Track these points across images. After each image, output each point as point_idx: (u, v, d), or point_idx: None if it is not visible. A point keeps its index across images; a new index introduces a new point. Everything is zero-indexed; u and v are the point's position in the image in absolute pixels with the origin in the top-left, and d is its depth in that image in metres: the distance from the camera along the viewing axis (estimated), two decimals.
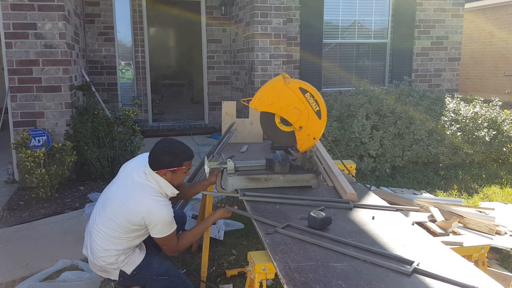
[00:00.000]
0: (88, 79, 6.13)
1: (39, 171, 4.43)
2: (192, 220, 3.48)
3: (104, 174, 5.05)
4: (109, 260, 2.31)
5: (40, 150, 4.52)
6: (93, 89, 5.86)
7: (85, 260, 3.21)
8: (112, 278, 2.40)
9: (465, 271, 1.56)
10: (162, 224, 2.25)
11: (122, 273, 2.37)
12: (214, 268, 3.13)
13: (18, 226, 3.92)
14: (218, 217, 2.45)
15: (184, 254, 3.35)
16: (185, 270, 3.10)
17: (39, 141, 4.77)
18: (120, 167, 2.54)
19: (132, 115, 5.31)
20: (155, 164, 2.31)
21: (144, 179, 2.32)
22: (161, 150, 2.34)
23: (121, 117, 5.34)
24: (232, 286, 2.86)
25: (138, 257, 2.39)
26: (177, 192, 2.42)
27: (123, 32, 7.58)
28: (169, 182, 2.34)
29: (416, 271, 1.55)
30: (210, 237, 2.98)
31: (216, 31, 7.95)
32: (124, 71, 7.84)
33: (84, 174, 5.27)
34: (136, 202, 2.25)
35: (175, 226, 2.31)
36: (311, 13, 7.20)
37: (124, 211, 2.26)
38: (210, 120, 8.17)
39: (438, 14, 7.83)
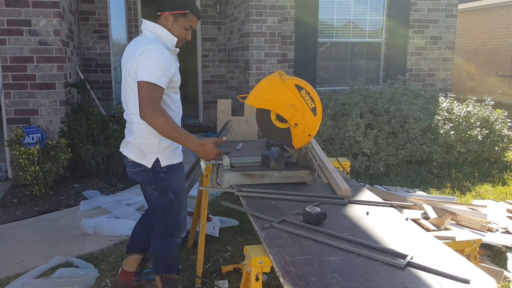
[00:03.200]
0: (82, 77, 6.11)
1: (33, 168, 4.41)
2: (187, 217, 3.48)
3: (99, 172, 5.04)
4: (150, 141, 2.24)
5: (34, 147, 4.50)
6: (88, 86, 5.84)
7: (80, 257, 3.23)
8: (146, 165, 2.27)
9: (457, 264, 1.58)
10: (146, 64, 2.10)
11: (155, 164, 2.26)
12: (209, 264, 3.15)
13: (12, 223, 3.91)
14: (199, 150, 2.23)
15: (180, 250, 3.36)
16: (180, 266, 3.11)
17: (33, 138, 4.75)
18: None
19: None
20: (160, 5, 2.23)
21: (140, 36, 2.30)
22: None
23: (116, 115, 5.34)
24: (227, 282, 2.88)
25: (176, 159, 2.34)
26: (176, 47, 2.31)
27: (118, 30, 7.55)
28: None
29: (410, 264, 1.57)
30: (206, 234, 2.99)
31: (211, 30, 7.95)
32: (119, 69, 7.81)
33: (78, 172, 5.26)
34: (131, 55, 2.20)
35: (163, 85, 2.14)
36: (306, 12, 7.23)
37: (126, 71, 2.23)
38: (205, 118, 8.18)
39: (432, 14, 7.89)
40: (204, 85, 8.13)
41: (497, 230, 3.50)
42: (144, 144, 2.26)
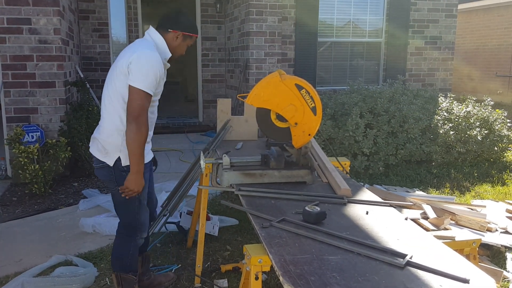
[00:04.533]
0: (82, 76, 6.11)
1: (32, 167, 4.41)
2: (187, 216, 3.49)
3: None
4: (113, 138, 2.31)
5: (33, 146, 4.50)
6: (88, 85, 5.84)
7: (79, 255, 3.23)
8: (108, 163, 2.35)
9: (457, 264, 1.58)
10: (142, 69, 2.20)
11: (116, 162, 2.34)
12: (209, 263, 3.15)
13: (11, 222, 3.91)
14: (130, 178, 2.31)
15: (179, 249, 3.36)
16: (179, 265, 3.11)
17: (32, 136, 4.75)
18: None
19: None
20: (174, 23, 2.35)
21: (140, 39, 2.39)
22: (185, 14, 2.42)
23: None
24: (226, 281, 2.88)
25: None
26: (169, 58, 2.40)
27: (118, 29, 7.55)
28: (172, 48, 2.38)
29: (409, 264, 1.57)
30: (205, 233, 2.99)
31: (211, 29, 7.95)
32: None
33: (78, 171, 5.26)
34: (126, 53, 2.29)
35: (151, 93, 2.25)
36: (306, 11, 7.22)
37: (116, 66, 2.29)
38: (205, 118, 8.17)
39: (432, 14, 7.89)
40: (204, 84, 8.13)
41: (496, 230, 3.50)
42: (107, 142, 2.34)
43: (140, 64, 2.21)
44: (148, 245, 2.85)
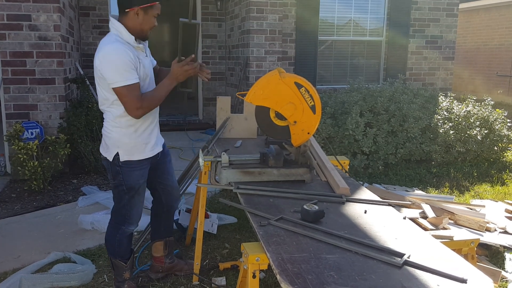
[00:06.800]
0: (82, 72, 6.10)
1: (31, 163, 4.41)
2: (186, 214, 3.48)
3: (97, 168, 5.03)
4: (112, 134, 2.40)
5: (33, 143, 4.50)
6: (87, 82, 5.83)
7: (78, 252, 3.23)
8: (108, 158, 2.44)
9: (455, 264, 1.58)
10: (110, 68, 2.23)
11: (115, 157, 2.42)
12: (207, 261, 3.15)
13: (10, 218, 3.91)
14: (175, 76, 2.38)
15: (178, 246, 3.36)
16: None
17: (32, 133, 4.75)
18: None
19: None
20: (127, 2, 2.29)
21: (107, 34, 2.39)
22: None
23: None
24: (225, 279, 2.88)
25: (137, 155, 2.45)
26: (139, 40, 2.38)
27: None
28: (138, 26, 2.32)
29: (407, 263, 1.57)
30: (204, 231, 2.99)
31: (211, 27, 7.93)
32: None
33: (77, 167, 5.25)
34: (97, 51, 2.32)
35: (135, 80, 2.27)
36: (307, 9, 7.21)
37: (94, 69, 2.34)
38: (204, 115, 8.17)
39: (433, 13, 7.87)
40: (204, 82, 8.12)
41: (495, 230, 3.50)
42: (107, 137, 2.45)
43: (105, 65, 2.25)
44: (169, 231, 2.92)
